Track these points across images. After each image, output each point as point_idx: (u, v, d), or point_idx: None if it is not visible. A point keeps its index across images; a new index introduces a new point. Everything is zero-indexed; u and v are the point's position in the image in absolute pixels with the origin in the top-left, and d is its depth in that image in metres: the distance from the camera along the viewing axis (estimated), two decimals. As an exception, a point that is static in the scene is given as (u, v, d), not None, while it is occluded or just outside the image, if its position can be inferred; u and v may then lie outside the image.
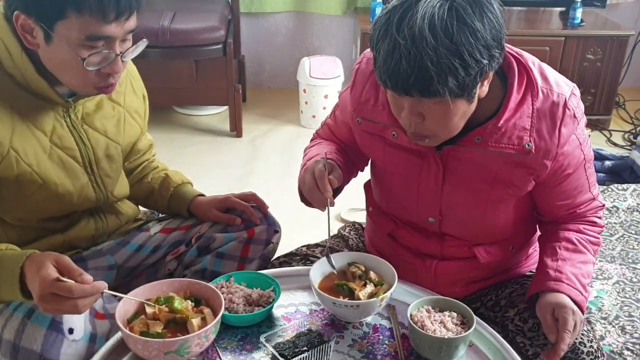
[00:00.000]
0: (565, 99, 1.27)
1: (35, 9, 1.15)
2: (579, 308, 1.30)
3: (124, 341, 1.19)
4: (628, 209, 2.57)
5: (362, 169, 1.59)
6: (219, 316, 1.19)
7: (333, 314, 1.33)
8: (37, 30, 1.18)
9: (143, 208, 1.73)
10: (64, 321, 1.24)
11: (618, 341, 1.84)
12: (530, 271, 1.54)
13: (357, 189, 1.61)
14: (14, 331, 1.24)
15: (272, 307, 1.32)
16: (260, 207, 1.63)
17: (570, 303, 1.29)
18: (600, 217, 1.45)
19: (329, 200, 1.29)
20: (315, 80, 3.48)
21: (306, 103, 3.57)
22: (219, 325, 1.21)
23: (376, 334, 1.30)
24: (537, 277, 1.38)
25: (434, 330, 1.21)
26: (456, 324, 1.24)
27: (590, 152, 1.38)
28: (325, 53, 3.97)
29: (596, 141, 3.47)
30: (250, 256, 1.56)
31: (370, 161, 1.54)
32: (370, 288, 1.31)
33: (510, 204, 1.38)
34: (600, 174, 2.98)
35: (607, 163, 3.02)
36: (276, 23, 4.01)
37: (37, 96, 1.28)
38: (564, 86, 1.29)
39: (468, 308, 1.26)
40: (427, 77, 1.09)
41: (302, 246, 1.67)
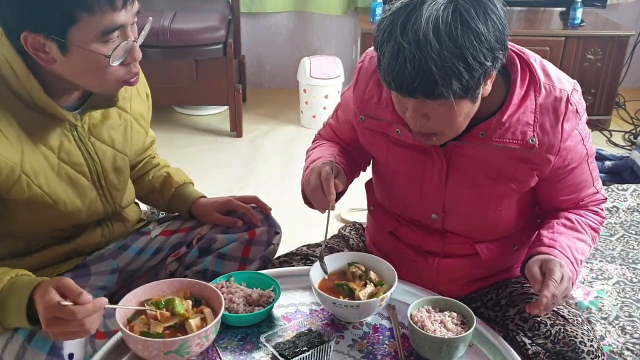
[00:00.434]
0: (567, 94, 1.28)
1: (44, 24, 1.13)
2: None
3: (124, 341, 1.19)
4: (628, 209, 2.57)
5: (364, 169, 1.59)
6: (219, 316, 1.19)
7: (333, 314, 1.33)
8: (50, 44, 1.16)
9: (143, 207, 1.73)
10: (64, 346, 1.22)
11: (618, 341, 1.84)
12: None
13: (357, 189, 1.61)
14: (14, 355, 1.22)
15: (272, 307, 1.32)
16: (263, 210, 1.63)
17: (566, 268, 1.28)
18: (602, 210, 1.47)
19: (331, 203, 1.30)
20: (315, 80, 3.48)
21: (306, 103, 3.57)
22: (219, 325, 1.21)
23: (376, 334, 1.30)
24: (531, 246, 1.39)
25: (434, 330, 1.21)
26: (456, 324, 1.24)
27: (592, 148, 1.39)
28: (326, 53, 3.96)
29: (596, 141, 3.47)
30: (251, 257, 1.57)
31: (372, 159, 1.54)
32: (370, 288, 1.31)
33: (512, 200, 1.39)
34: (600, 174, 2.97)
35: (607, 163, 3.02)
36: (276, 23, 4.01)
37: (43, 113, 1.26)
38: (566, 82, 1.30)
39: (468, 308, 1.26)
40: (432, 81, 1.10)
41: (303, 246, 1.67)
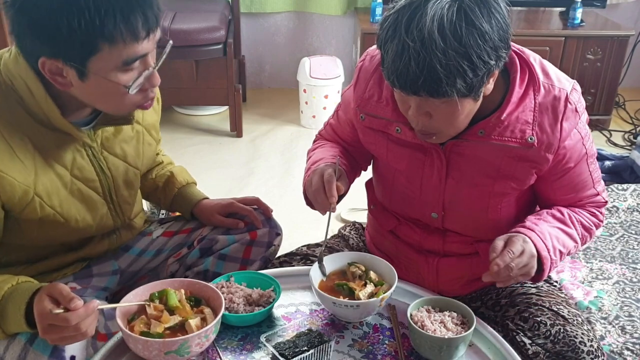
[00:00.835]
0: (566, 93, 1.28)
1: (64, 52, 1.12)
2: (540, 268, 1.30)
3: (124, 341, 1.19)
4: (628, 209, 2.57)
5: (365, 168, 1.59)
6: (219, 316, 1.19)
7: (333, 314, 1.33)
8: (68, 69, 1.14)
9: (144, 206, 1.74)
10: (66, 348, 1.22)
11: (618, 341, 1.84)
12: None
13: (357, 189, 1.62)
14: (15, 356, 1.22)
15: (273, 307, 1.32)
16: (264, 211, 1.63)
17: (535, 251, 1.27)
18: (601, 212, 1.45)
19: (332, 205, 1.30)
20: (315, 81, 3.48)
21: (306, 103, 3.57)
22: (219, 325, 1.22)
23: (376, 334, 1.30)
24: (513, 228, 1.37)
25: (434, 330, 1.21)
26: (456, 324, 1.24)
27: (593, 148, 1.38)
28: (325, 53, 3.97)
29: (596, 141, 3.44)
30: (252, 258, 1.57)
31: (372, 159, 1.54)
32: (370, 288, 1.31)
33: (512, 198, 1.39)
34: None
35: (607, 163, 3.02)
36: (276, 23, 4.01)
37: (57, 130, 1.26)
38: (565, 82, 1.31)
39: (468, 308, 1.26)
40: (436, 79, 1.10)
41: (303, 246, 1.67)
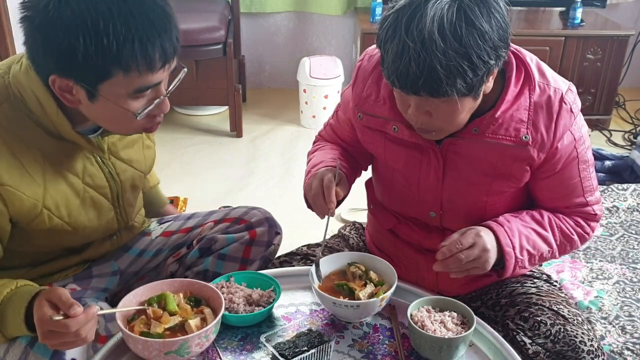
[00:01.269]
0: (562, 93, 1.28)
1: (76, 73, 1.10)
2: (503, 264, 1.30)
3: (124, 341, 1.19)
4: (628, 209, 2.57)
5: (366, 168, 1.60)
6: (219, 316, 1.19)
7: (333, 314, 1.33)
8: (78, 89, 1.13)
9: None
10: (67, 351, 1.22)
11: (618, 341, 1.84)
12: (531, 271, 1.54)
13: (357, 188, 1.62)
14: (16, 359, 1.22)
15: (273, 307, 1.32)
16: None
17: (492, 244, 1.28)
18: (589, 225, 1.41)
19: (330, 210, 1.30)
20: (315, 80, 3.48)
21: (306, 103, 3.57)
22: (219, 325, 1.22)
23: (376, 334, 1.30)
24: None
25: (434, 330, 1.21)
26: (456, 324, 1.24)
27: (587, 154, 1.36)
28: (325, 53, 3.96)
29: (596, 141, 3.47)
30: (252, 258, 1.57)
31: (372, 158, 1.54)
32: (370, 288, 1.31)
33: (510, 196, 1.39)
34: (600, 174, 2.98)
35: (607, 163, 3.01)
36: (276, 23, 4.01)
37: (67, 141, 1.25)
38: (561, 82, 1.31)
39: (468, 308, 1.26)
40: (436, 79, 1.10)
41: (303, 246, 1.67)
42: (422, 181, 1.39)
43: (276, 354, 1.18)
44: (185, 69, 1.24)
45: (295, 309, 1.36)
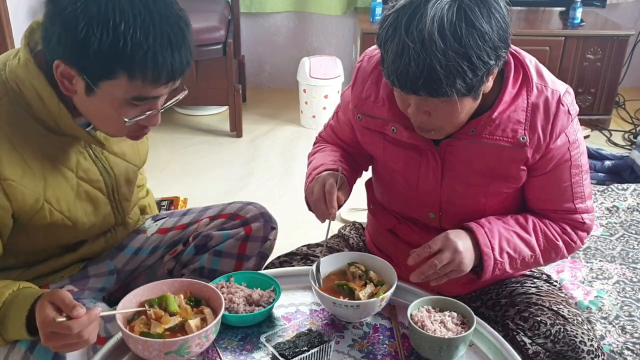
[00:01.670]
0: (559, 94, 1.28)
1: (83, 65, 1.12)
2: (481, 265, 1.30)
3: (124, 341, 1.19)
4: (628, 208, 2.57)
5: (367, 169, 1.60)
6: (219, 316, 1.19)
7: (333, 314, 1.33)
8: (79, 80, 1.14)
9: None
10: (67, 356, 1.22)
11: (618, 341, 1.84)
12: (531, 271, 1.54)
13: (357, 189, 1.61)
14: None
15: (273, 307, 1.32)
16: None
17: (465, 245, 1.28)
18: (576, 234, 1.39)
19: (331, 215, 1.31)
20: (315, 81, 3.48)
21: (306, 103, 3.57)
22: (219, 326, 1.21)
23: (376, 334, 1.30)
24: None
25: (434, 330, 1.21)
26: (456, 324, 1.24)
27: (581, 160, 1.34)
28: (325, 53, 3.96)
29: (596, 141, 3.47)
30: (248, 253, 1.57)
31: (372, 159, 1.54)
32: (370, 288, 1.31)
33: (509, 197, 1.39)
34: (600, 174, 2.98)
35: (607, 163, 3.01)
36: (276, 23, 4.01)
37: (61, 134, 1.26)
38: (559, 85, 1.31)
39: (468, 308, 1.26)
40: (436, 80, 1.10)
41: (303, 246, 1.67)
42: (421, 182, 1.40)
43: (276, 354, 1.18)
44: (186, 92, 1.27)
45: (295, 309, 1.36)
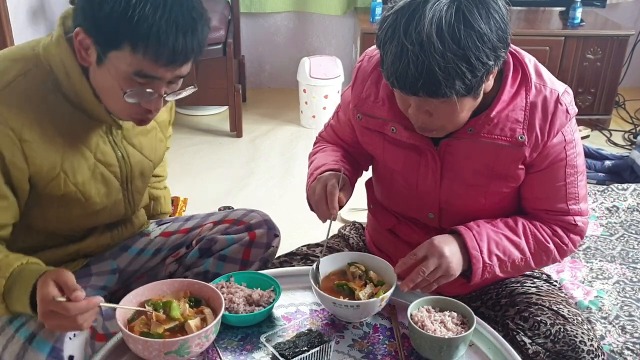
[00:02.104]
0: (558, 94, 1.28)
1: (95, 32, 1.17)
2: (470, 269, 1.30)
3: (124, 341, 1.19)
4: (628, 208, 2.57)
5: (367, 168, 1.60)
6: (219, 316, 1.19)
7: (333, 314, 1.33)
8: (93, 50, 1.19)
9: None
10: (64, 348, 1.23)
11: (618, 341, 1.84)
12: (532, 270, 1.54)
13: (357, 189, 1.61)
14: (14, 355, 1.23)
15: (273, 307, 1.32)
16: None
17: (452, 250, 1.28)
18: (568, 236, 1.38)
19: (333, 216, 1.31)
20: (315, 80, 3.48)
21: (306, 103, 3.57)
22: (219, 326, 1.22)
23: (376, 334, 1.30)
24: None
25: (434, 330, 1.21)
26: (456, 324, 1.24)
27: (577, 160, 1.34)
28: (325, 53, 3.96)
29: (596, 141, 3.47)
30: (251, 259, 1.58)
31: (372, 158, 1.54)
32: (370, 288, 1.31)
33: (508, 197, 1.39)
34: (600, 174, 2.98)
35: (607, 163, 3.01)
36: (276, 23, 4.01)
37: (87, 114, 1.30)
38: (558, 84, 1.31)
39: (468, 308, 1.26)
40: (435, 81, 1.10)
41: (303, 246, 1.67)
42: (421, 182, 1.40)
43: (276, 354, 1.18)
44: (194, 87, 1.30)
45: (295, 309, 1.36)
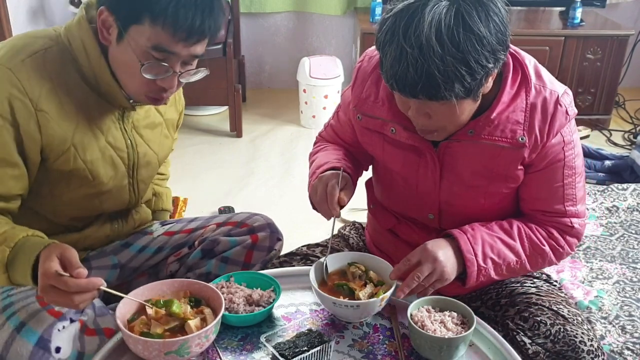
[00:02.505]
0: (557, 95, 1.28)
1: (117, 8, 1.21)
2: (465, 273, 1.30)
3: (124, 341, 1.19)
4: (628, 208, 2.57)
5: (367, 168, 1.60)
6: (219, 316, 1.19)
7: (333, 314, 1.33)
8: (114, 28, 1.23)
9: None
10: (52, 339, 1.24)
11: (618, 341, 1.84)
12: (528, 273, 1.54)
13: (357, 189, 1.61)
14: (2, 342, 1.24)
15: (273, 307, 1.32)
16: None
17: (446, 254, 1.28)
18: (564, 238, 1.37)
19: (335, 214, 1.31)
20: (315, 80, 3.48)
21: (306, 103, 3.57)
22: (219, 326, 1.22)
23: (376, 334, 1.30)
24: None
25: (434, 330, 1.21)
26: (456, 324, 1.24)
27: (575, 162, 1.33)
28: (325, 53, 3.97)
29: (596, 141, 3.47)
30: (253, 262, 1.59)
31: (372, 158, 1.54)
32: (370, 288, 1.31)
33: (508, 198, 1.39)
34: (600, 174, 2.98)
35: (607, 163, 3.02)
36: (276, 23, 4.01)
37: (103, 97, 1.33)
38: (558, 86, 1.31)
39: (468, 308, 1.26)
40: (434, 84, 1.10)
41: (303, 246, 1.67)
42: (420, 183, 1.40)
43: (276, 354, 1.18)
44: (207, 70, 1.33)
45: (295, 309, 1.36)
